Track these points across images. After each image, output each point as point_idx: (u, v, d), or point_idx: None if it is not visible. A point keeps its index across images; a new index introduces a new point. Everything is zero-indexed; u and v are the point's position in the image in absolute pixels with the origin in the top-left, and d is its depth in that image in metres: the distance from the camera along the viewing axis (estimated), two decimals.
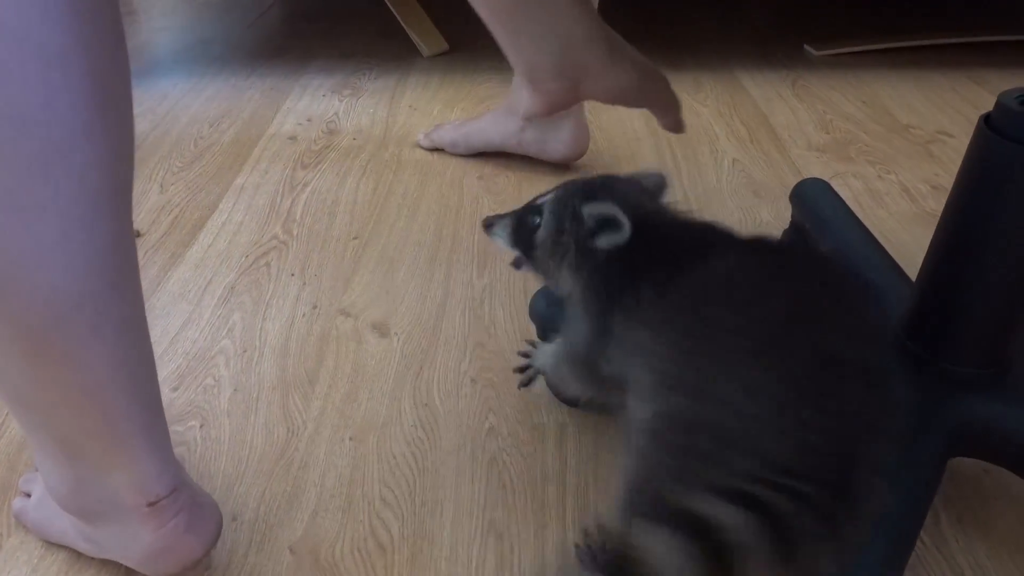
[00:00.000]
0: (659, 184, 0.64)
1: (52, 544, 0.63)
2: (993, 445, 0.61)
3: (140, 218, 1.05)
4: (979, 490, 0.67)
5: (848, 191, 1.10)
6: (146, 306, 0.88)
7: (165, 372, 0.79)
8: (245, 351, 0.83)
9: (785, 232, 0.95)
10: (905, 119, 1.33)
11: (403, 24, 1.62)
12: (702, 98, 1.40)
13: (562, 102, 0.77)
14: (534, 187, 1.11)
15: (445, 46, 1.61)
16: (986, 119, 0.56)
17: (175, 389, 0.78)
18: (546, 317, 0.73)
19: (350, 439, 0.72)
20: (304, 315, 0.88)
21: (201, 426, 0.74)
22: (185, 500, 0.54)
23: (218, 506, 0.58)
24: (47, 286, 0.42)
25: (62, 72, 0.39)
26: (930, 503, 0.58)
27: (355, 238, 1.01)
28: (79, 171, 0.41)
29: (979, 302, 0.60)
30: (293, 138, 1.27)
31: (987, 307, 0.60)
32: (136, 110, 0.46)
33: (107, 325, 0.46)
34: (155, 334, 0.84)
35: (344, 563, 0.61)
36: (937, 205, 0.61)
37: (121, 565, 0.59)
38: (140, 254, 0.98)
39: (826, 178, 1.07)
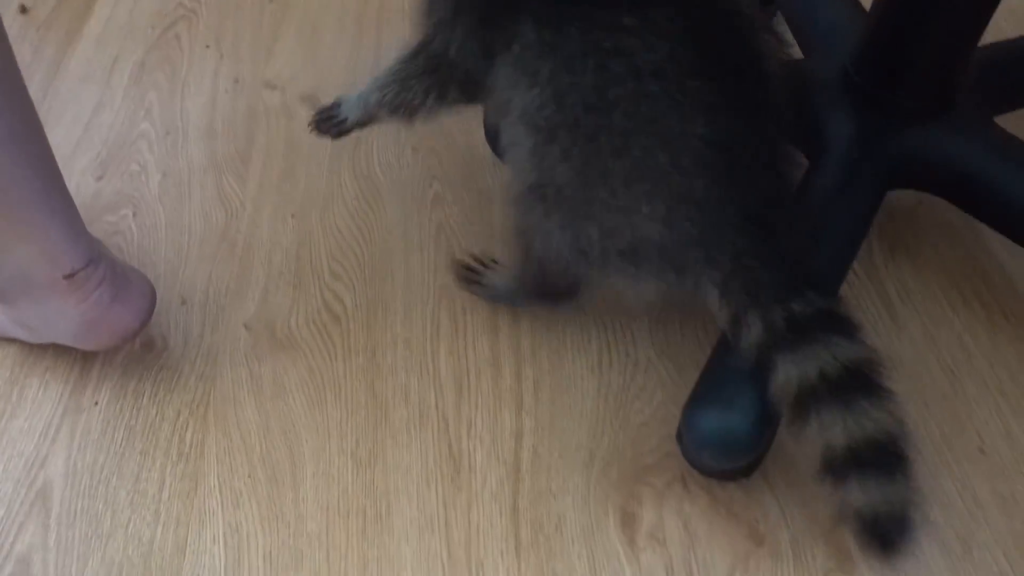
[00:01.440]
0: None
1: (1, 340, 0.62)
2: (932, 174, 0.62)
3: None
4: (912, 220, 0.70)
5: None
6: (48, 91, 0.81)
7: (85, 160, 0.75)
8: (168, 133, 0.77)
9: None
10: None
11: None
12: None
13: None
14: None
15: None
16: None
17: (100, 178, 0.73)
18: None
19: (292, 216, 0.71)
20: (226, 91, 0.82)
21: (134, 214, 0.71)
22: (106, 272, 0.53)
23: (147, 278, 0.57)
24: None
25: None
26: (866, 232, 0.60)
27: (272, 0, 0.92)
28: None
29: (927, 34, 0.58)
30: None
31: (935, 39, 0.58)
32: None
33: None
34: (65, 121, 0.78)
35: (300, 334, 0.63)
36: None
37: (75, 350, 0.59)
38: (31, 33, 0.88)
39: None
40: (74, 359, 0.61)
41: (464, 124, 0.75)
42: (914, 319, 0.63)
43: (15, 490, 0.54)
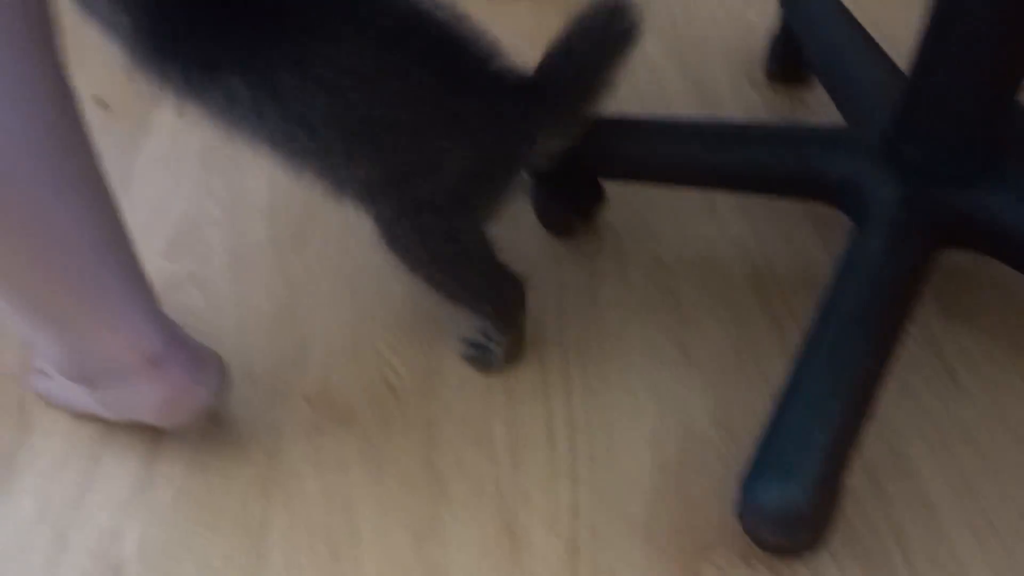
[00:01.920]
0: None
1: (80, 417, 0.65)
2: (981, 235, 0.62)
3: (102, 86, 1.00)
4: (968, 281, 0.69)
5: None
6: (124, 178, 0.87)
7: (157, 243, 0.79)
8: (233, 213, 0.82)
9: (774, 36, 0.90)
10: None
11: None
12: None
13: None
14: None
15: None
16: None
17: (170, 259, 0.78)
18: None
19: (350, 291, 0.73)
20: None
21: (202, 292, 0.74)
22: (182, 351, 0.56)
23: (219, 355, 0.60)
24: None
25: None
26: (915, 294, 0.59)
27: None
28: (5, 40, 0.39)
29: (967, 96, 0.58)
30: None
31: (975, 101, 0.58)
32: None
33: (66, 187, 0.46)
34: (139, 206, 0.83)
35: (359, 407, 0.64)
36: None
37: (148, 426, 0.62)
38: (108, 125, 0.94)
39: None
40: (146, 434, 0.63)
41: None
42: (977, 385, 0.62)
43: (94, 564, 0.56)
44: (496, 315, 0.63)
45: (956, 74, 0.58)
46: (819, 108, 0.87)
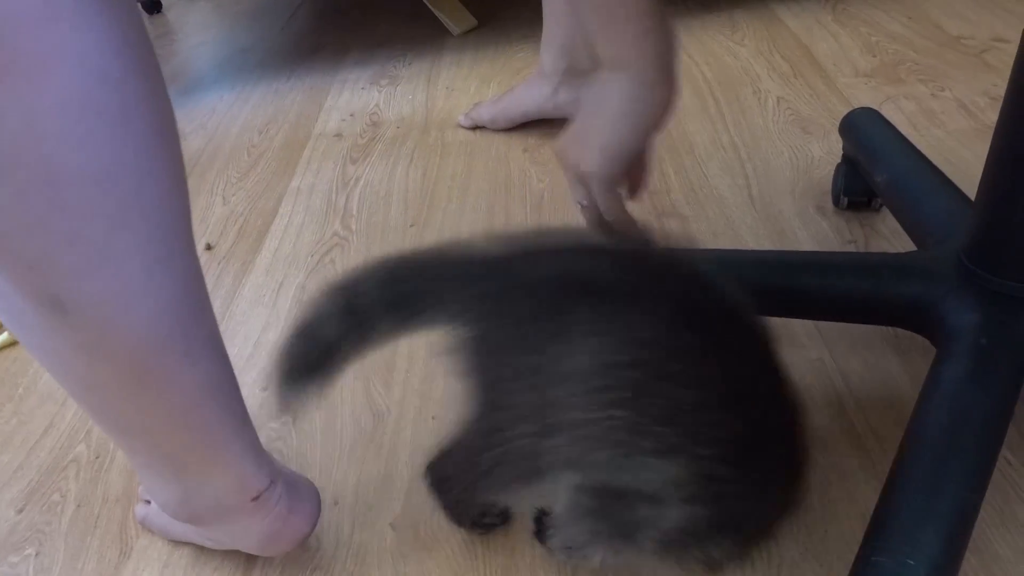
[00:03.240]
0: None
1: (176, 542, 0.68)
2: None
3: (208, 231, 1.10)
4: None
5: (901, 115, 1.08)
6: (226, 314, 0.94)
7: (253, 375, 0.84)
8: None
9: (838, 167, 0.93)
10: (955, 30, 1.28)
11: (430, 5, 1.63)
12: (739, 38, 1.38)
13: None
14: None
15: (474, 22, 1.61)
16: None
17: (265, 389, 0.82)
18: None
19: (432, 418, 0.76)
20: None
21: (294, 421, 0.78)
22: (283, 487, 0.59)
23: (314, 484, 0.63)
24: (141, 323, 0.46)
25: (124, 129, 0.42)
26: (1009, 421, 0.58)
27: (412, 225, 1.04)
28: (151, 215, 0.44)
29: None
30: (339, 135, 1.30)
31: None
32: (188, 127, 0.50)
33: (195, 348, 0.50)
34: (238, 340, 0.89)
35: (443, 533, 0.65)
36: (996, 117, 0.60)
37: (241, 552, 0.64)
38: (214, 266, 1.03)
39: (876, 104, 1.05)
40: (238, 559, 0.66)
41: None
42: None
43: None
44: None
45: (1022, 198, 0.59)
46: (891, 236, 0.88)
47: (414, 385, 0.80)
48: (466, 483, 0.55)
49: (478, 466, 0.52)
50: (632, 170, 0.65)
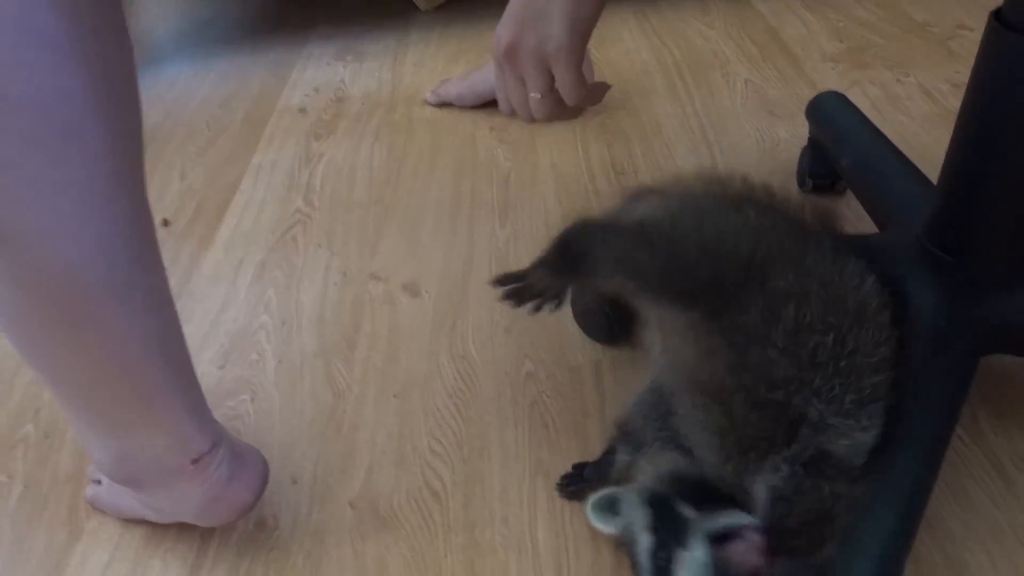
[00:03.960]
0: None
1: (129, 521, 0.66)
2: (1021, 340, 0.61)
3: (165, 207, 1.07)
4: (1016, 384, 0.68)
5: (866, 99, 1.08)
6: (183, 292, 0.91)
7: (211, 352, 0.82)
8: (284, 324, 0.85)
9: (804, 149, 0.94)
10: (921, 17, 1.29)
11: None
12: (709, 21, 1.37)
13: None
14: (547, 133, 1.11)
15: None
16: (996, 13, 0.55)
17: (222, 367, 0.81)
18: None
19: (395, 397, 0.75)
20: (336, 283, 0.90)
21: (252, 399, 0.77)
22: (226, 453, 0.58)
23: (261, 455, 0.61)
24: (75, 261, 0.45)
25: (73, 60, 0.41)
26: (963, 401, 0.59)
27: (376, 203, 1.03)
28: (93, 153, 0.44)
29: (1000, 198, 0.59)
30: (303, 110, 1.27)
31: (1008, 203, 0.59)
32: (146, 99, 0.48)
33: (135, 298, 0.48)
34: (196, 317, 0.87)
35: (403, 512, 0.64)
36: (959, 104, 0.61)
37: (194, 531, 0.63)
38: (171, 242, 1.00)
39: (843, 88, 1.05)
40: (192, 539, 0.64)
41: None
42: None
43: None
44: None
45: (986, 182, 0.60)
46: (855, 218, 0.89)
47: (376, 363, 0.79)
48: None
49: None
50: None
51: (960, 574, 0.55)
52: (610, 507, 0.58)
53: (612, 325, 0.76)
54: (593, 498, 0.59)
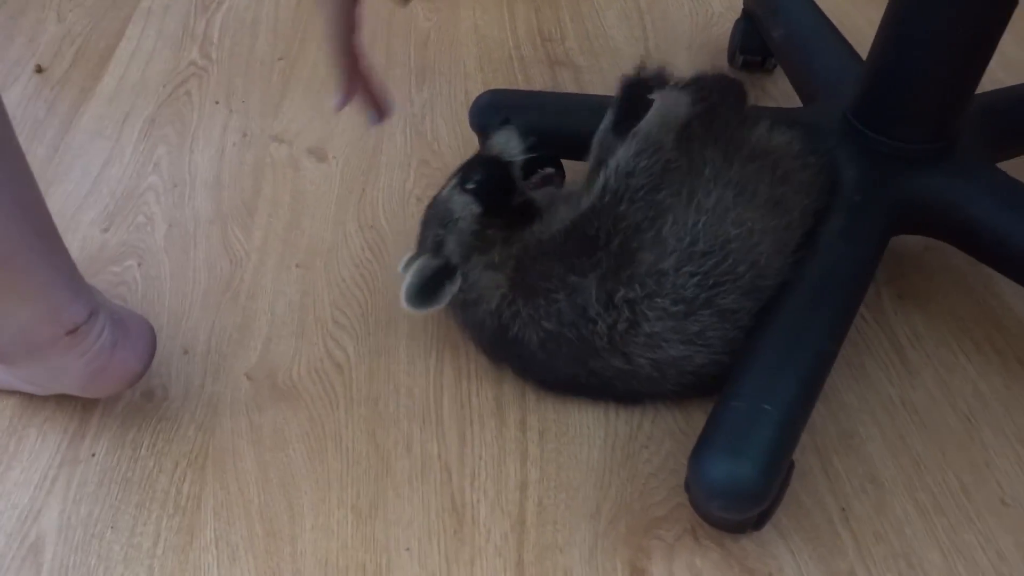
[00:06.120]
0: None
1: (2, 392, 0.62)
2: (935, 220, 0.62)
3: (40, 52, 0.95)
4: (920, 266, 0.69)
5: None
6: (60, 146, 0.83)
7: (93, 213, 0.75)
8: (176, 186, 0.78)
9: (737, 22, 0.90)
10: None
11: None
12: None
13: None
14: None
15: None
16: None
17: (106, 230, 0.74)
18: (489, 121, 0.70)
19: (296, 266, 0.71)
20: (234, 144, 0.83)
21: (139, 265, 0.71)
22: (106, 321, 0.53)
23: (148, 321, 0.57)
24: None
25: None
26: (871, 278, 0.59)
27: (280, 59, 0.94)
28: None
29: (923, 80, 0.58)
30: None
31: (933, 83, 0.58)
32: None
33: None
34: (75, 175, 0.79)
35: (302, 383, 0.62)
36: None
37: (76, 399, 0.59)
38: (46, 90, 0.90)
39: None
40: (74, 409, 0.60)
41: None
42: (927, 366, 0.62)
43: (7, 543, 0.53)
44: None
45: (915, 60, 0.58)
46: (781, 97, 0.87)
47: (278, 231, 0.74)
48: None
49: None
50: None
51: (851, 444, 0.57)
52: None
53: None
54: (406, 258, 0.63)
